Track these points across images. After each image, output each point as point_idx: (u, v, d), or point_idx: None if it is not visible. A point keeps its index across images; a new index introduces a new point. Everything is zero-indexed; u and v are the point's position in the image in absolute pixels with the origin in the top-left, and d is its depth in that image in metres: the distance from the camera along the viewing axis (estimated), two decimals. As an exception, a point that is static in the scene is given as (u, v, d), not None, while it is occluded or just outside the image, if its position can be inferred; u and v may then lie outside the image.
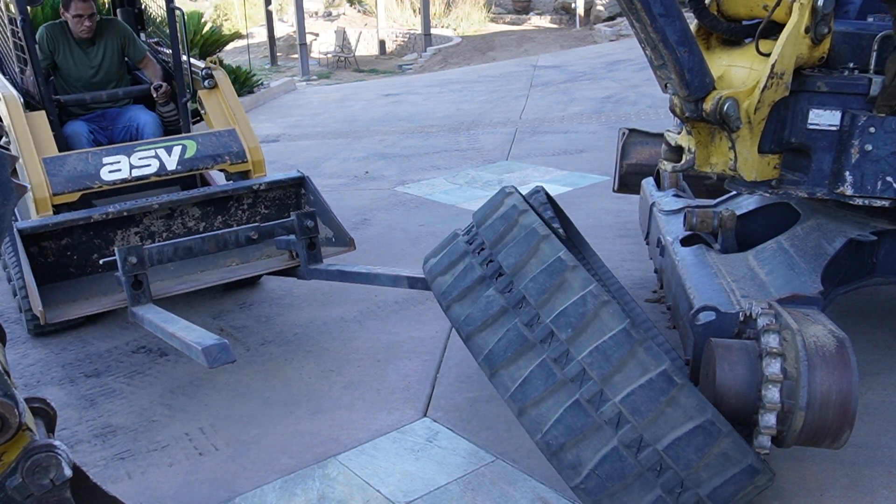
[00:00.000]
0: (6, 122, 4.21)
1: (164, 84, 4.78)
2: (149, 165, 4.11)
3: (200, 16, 12.88)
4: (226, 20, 24.42)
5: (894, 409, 3.17)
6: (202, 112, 4.76)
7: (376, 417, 3.38)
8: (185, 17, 4.91)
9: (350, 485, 2.93)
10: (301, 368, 3.87)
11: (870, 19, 3.02)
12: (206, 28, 12.66)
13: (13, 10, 4.46)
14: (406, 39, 24.28)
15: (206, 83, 4.70)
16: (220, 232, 3.72)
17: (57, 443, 1.91)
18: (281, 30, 25.21)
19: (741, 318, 2.68)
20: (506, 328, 2.40)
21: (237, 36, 16.03)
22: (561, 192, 6.49)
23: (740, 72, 3.00)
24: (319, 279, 3.92)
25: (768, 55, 2.85)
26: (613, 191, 4.97)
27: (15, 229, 3.63)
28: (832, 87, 2.88)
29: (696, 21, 3.19)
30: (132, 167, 4.07)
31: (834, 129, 2.90)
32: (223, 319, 4.50)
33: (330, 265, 3.91)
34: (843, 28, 2.94)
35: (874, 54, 2.86)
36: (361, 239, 5.72)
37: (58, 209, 3.96)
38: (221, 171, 4.43)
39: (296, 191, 4.40)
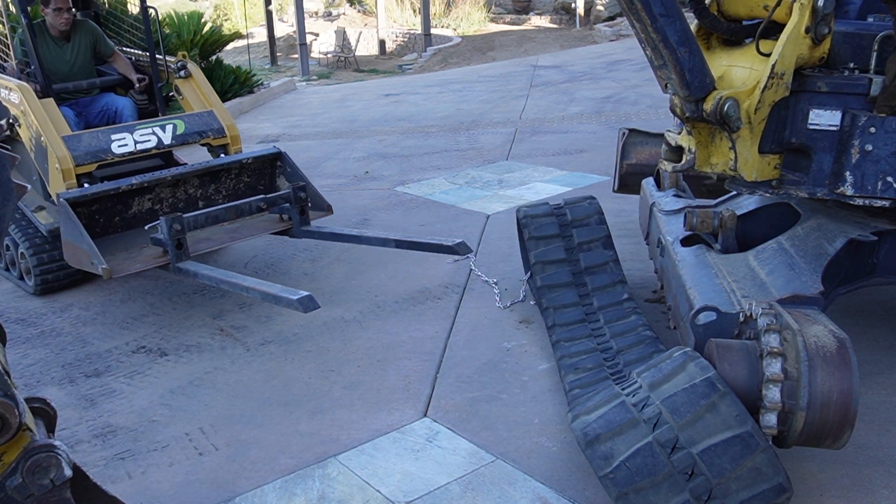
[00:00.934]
0: (23, 108, 4.70)
1: (145, 76, 5.54)
2: (149, 140, 4.86)
3: (200, 16, 12.84)
4: (226, 20, 24.41)
5: (894, 409, 3.17)
6: (179, 98, 5.54)
7: (376, 417, 3.38)
8: (158, 16, 5.65)
9: (350, 485, 2.93)
10: (301, 368, 3.87)
11: (870, 19, 3.02)
12: (206, 28, 12.63)
13: (12, 9, 5.09)
14: (406, 39, 24.27)
15: (181, 73, 5.46)
16: (238, 203, 4.58)
17: (57, 443, 1.91)
18: (281, 30, 25.20)
19: (741, 319, 2.68)
20: None
21: (237, 36, 16.00)
22: (561, 192, 6.49)
23: (741, 72, 3.00)
24: (309, 238, 4.83)
25: (769, 55, 2.85)
26: (613, 191, 4.97)
27: (62, 198, 4.24)
28: (832, 87, 2.88)
29: (696, 21, 3.19)
30: (136, 142, 4.81)
31: (834, 129, 2.90)
32: (223, 319, 4.50)
33: (318, 227, 4.81)
34: (844, 28, 2.94)
35: (874, 54, 2.86)
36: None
37: (78, 178, 4.61)
38: (205, 144, 5.16)
39: (273, 163, 5.23)
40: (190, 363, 4.00)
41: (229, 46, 15.14)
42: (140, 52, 5.84)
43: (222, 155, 5.15)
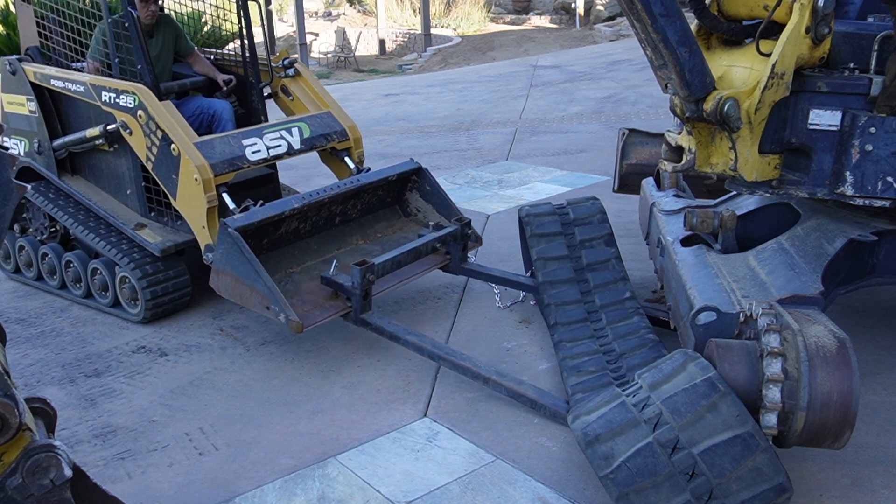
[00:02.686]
0: (142, 112, 4.22)
1: (232, 77, 5.09)
2: (280, 146, 4.46)
3: (200, 15, 12.84)
4: (226, 20, 24.39)
5: (894, 409, 3.17)
6: (287, 98, 5.06)
7: (376, 417, 3.38)
8: (262, 10, 5.17)
9: (350, 485, 2.93)
10: (301, 368, 3.87)
11: (870, 19, 3.02)
12: (206, 28, 12.63)
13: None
14: (406, 39, 24.27)
15: (289, 72, 5.02)
16: (418, 243, 4.15)
17: (57, 443, 1.91)
18: (281, 30, 25.20)
19: (742, 319, 2.68)
20: None
21: (237, 36, 16.00)
22: (561, 192, 6.49)
23: (741, 72, 3.00)
24: (467, 276, 4.49)
25: (769, 55, 2.85)
26: (613, 191, 4.97)
27: (230, 228, 3.70)
28: (832, 87, 2.88)
29: (696, 21, 3.19)
30: (268, 148, 4.41)
31: (834, 129, 2.90)
32: (223, 319, 4.50)
33: (475, 265, 4.47)
34: (844, 28, 2.94)
35: (874, 54, 2.86)
36: (361, 239, 5.72)
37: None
38: (331, 149, 4.76)
39: (409, 177, 4.74)
40: (190, 363, 4.00)
41: (229, 46, 15.12)
42: (215, 51, 5.44)
43: (347, 160, 4.77)
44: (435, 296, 4.63)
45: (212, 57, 5.34)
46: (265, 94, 5.13)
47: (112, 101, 4.36)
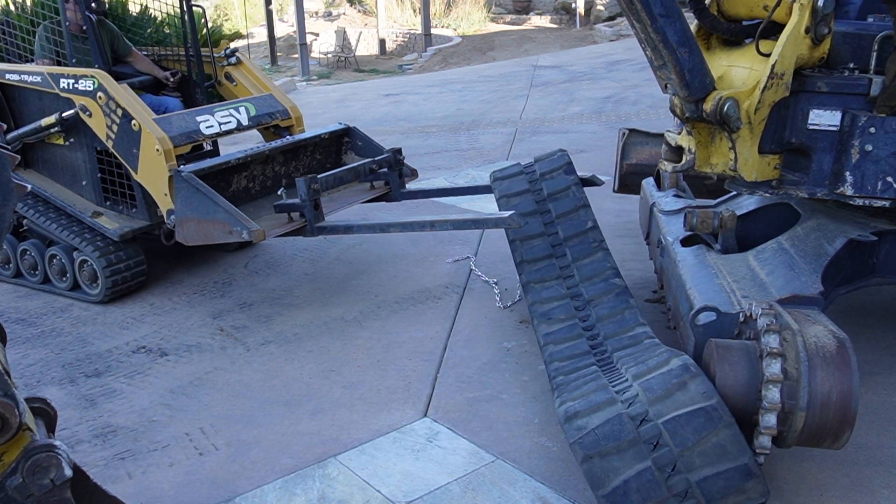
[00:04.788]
0: (102, 94, 4.58)
1: (176, 70, 5.50)
2: (230, 122, 4.88)
3: (201, 16, 12.85)
4: (226, 20, 24.39)
5: (894, 409, 3.17)
6: (231, 85, 5.50)
7: (376, 417, 3.38)
8: (205, 14, 5.69)
9: (350, 485, 2.93)
10: (301, 368, 3.87)
11: (870, 19, 3.02)
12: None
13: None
14: (406, 39, 24.26)
15: (231, 60, 5.45)
16: (357, 164, 4.71)
17: (57, 443, 1.91)
18: (281, 30, 25.19)
19: (741, 319, 2.68)
20: None
21: (237, 36, 16.02)
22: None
23: (740, 72, 3.00)
24: (410, 199, 5.05)
25: (768, 55, 2.85)
26: (613, 191, 4.97)
27: (184, 172, 4.16)
28: (832, 87, 2.88)
29: (696, 21, 3.19)
30: (220, 123, 4.82)
31: (834, 129, 2.90)
32: (223, 319, 4.50)
33: (414, 189, 4.98)
34: (843, 28, 2.94)
35: (874, 54, 2.86)
36: (361, 239, 5.73)
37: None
38: (274, 126, 5.19)
39: (340, 139, 5.35)
40: (190, 363, 4.00)
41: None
42: (157, 49, 5.79)
43: (287, 136, 5.15)
44: (435, 296, 4.63)
45: (155, 56, 5.73)
46: (207, 85, 5.53)
47: (71, 87, 4.71)
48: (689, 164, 3.16)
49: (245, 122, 4.94)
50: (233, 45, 6.40)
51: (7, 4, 6.04)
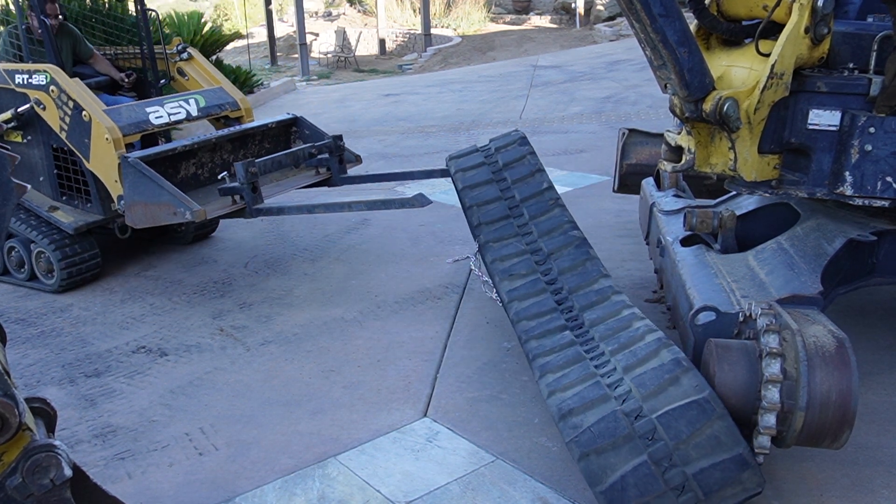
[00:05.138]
0: (54, 88, 4.78)
1: (132, 72, 5.77)
2: (179, 112, 5.08)
3: (200, 16, 12.83)
4: (226, 20, 24.39)
5: (894, 409, 3.17)
6: (183, 80, 5.73)
7: (376, 417, 3.38)
8: (160, 18, 5.92)
9: (350, 485, 2.93)
10: (301, 368, 3.87)
11: (869, 19, 3.02)
12: (207, 28, 12.63)
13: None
14: (406, 39, 24.25)
15: (183, 56, 5.68)
16: (295, 149, 4.94)
17: (57, 443, 1.91)
18: (281, 30, 25.18)
19: (741, 319, 2.68)
20: None
21: (237, 36, 15.99)
22: (561, 192, 6.45)
23: (740, 72, 3.00)
24: (349, 184, 5.16)
25: (768, 55, 2.85)
26: (613, 191, 4.97)
27: (129, 158, 4.38)
28: (832, 87, 2.88)
29: (695, 21, 3.19)
30: (169, 114, 5.01)
31: (834, 129, 2.90)
32: (223, 319, 4.50)
33: (356, 174, 5.17)
34: (843, 28, 2.94)
35: (874, 54, 2.86)
36: (362, 239, 5.73)
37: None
38: (224, 117, 5.39)
39: (288, 129, 5.59)
40: (190, 363, 4.00)
41: (229, 46, 15.13)
42: (115, 48, 6.00)
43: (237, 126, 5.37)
44: (435, 296, 4.63)
45: (111, 57, 5.97)
46: (160, 84, 5.76)
47: (25, 82, 4.94)
48: (688, 164, 3.16)
49: (194, 113, 5.16)
50: (233, 45, 6.62)
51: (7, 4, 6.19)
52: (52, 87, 4.80)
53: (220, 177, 4.60)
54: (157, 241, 5.88)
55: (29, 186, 2.01)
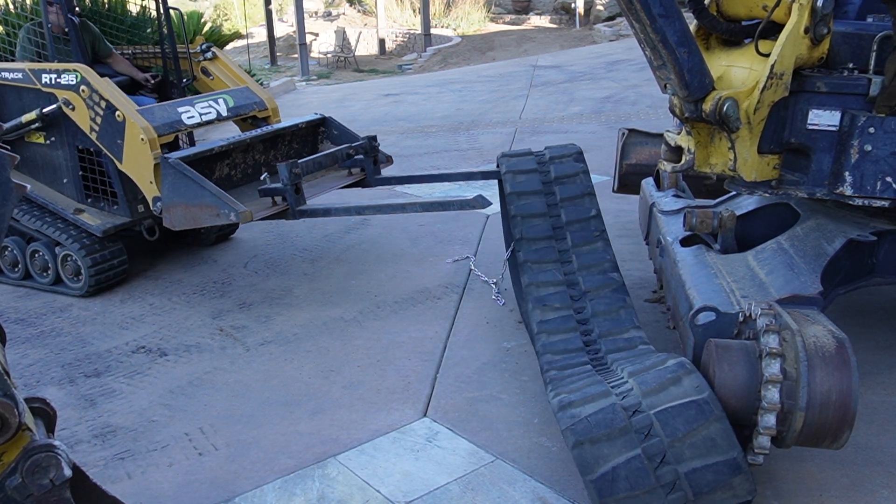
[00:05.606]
0: (84, 88, 4.70)
1: (155, 73, 5.66)
2: (210, 112, 5.03)
3: (200, 16, 12.86)
4: (226, 20, 24.39)
5: (894, 409, 3.17)
6: (208, 79, 5.65)
7: (376, 417, 3.38)
8: (184, 16, 5.80)
9: (350, 485, 2.93)
10: (301, 368, 3.87)
11: (869, 19, 3.02)
12: (206, 28, 12.64)
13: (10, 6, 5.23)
14: (406, 39, 24.26)
15: (207, 55, 5.61)
16: (334, 150, 4.88)
17: (57, 443, 1.91)
18: (281, 30, 25.18)
19: (741, 319, 2.68)
20: None
21: (237, 36, 16.00)
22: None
23: (740, 72, 3.00)
24: (385, 185, 5.16)
25: (768, 55, 2.85)
26: (613, 191, 4.98)
27: (171, 158, 4.28)
28: (832, 87, 2.88)
29: (695, 21, 3.19)
30: (200, 114, 4.95)
31: (833, 129, 2.90)
32: (223, 319, 4.50)
33: (390, 175, 5.10)
34: (843, 28, 2.94)
35: (873, 54, 2.86)
36: (361, 239, 5.73)
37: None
38: (252, 117, 5.35)
39: (316, 129, 5.51)
40: (190, 363, 4.00)
41: (229, 46, 15.15)
42: (134, 47, 5.92)
43: (265, 125, 5.29)
44: (435, 296, 4.63)
45: (130, 57, 5.90)
46: (184, 84, 5.69)
47: (53, 82, 4.83)
48: (688, 165, 3.16)
49: (224, 113, 5.10)
50: (232, 45, 6.57)
51: (6, 4, 6.17)
52: (82, 87, 4.70)
53: (262, 177, 4.51)
54: (183, 242, 5.80)
55: (28, 186, 2.00)
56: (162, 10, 5.54)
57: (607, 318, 3.33)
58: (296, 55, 21.07)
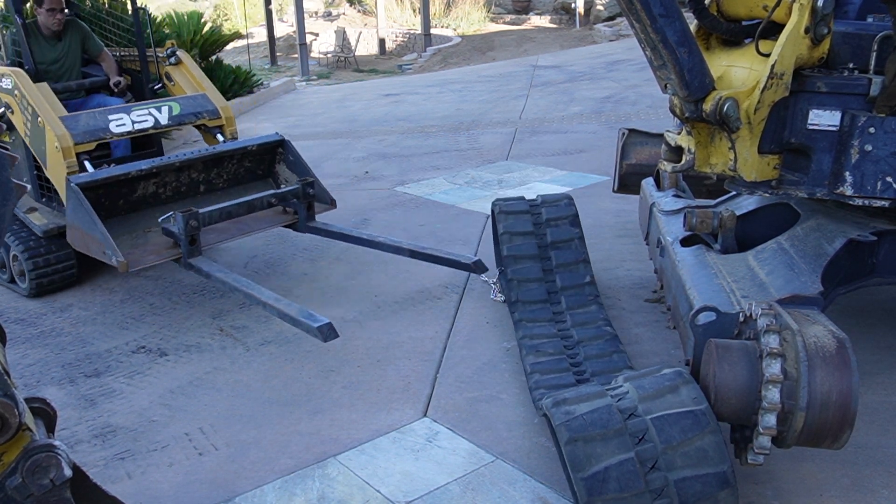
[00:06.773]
0: (17, 92, 4.69)
1: (122, 79, 5.59)
2: (146, 120, 4.88)
3: (200, 16, 12.83)
4: (226, 20, 24.40)
5: (894, 409, 3.17)
6: (170, 84, 5.57)
7: (376, 417, 3.38)
8: (150, 17, 5.77)
9: (350, 485, 2.93)
10: (301, 368, 3.87)
11: (869, 19, 3.02)
12: (206, 28, 12.63)
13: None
14: (406, 39, 24.27)
15: (171, 60, 5.51)
16: (251, 198, 4.56)
17: (57, 443, 1.91)
18: (281, 30, 25.19)
19: (741, 319, 2.68)
20: None
21: (237, 36, 15.99)
22: (561, 192, 6.48)
23: (740, 72, 3.00)
24: (314, 234, 4.85)
25: (768, 55, 2.85)
26: (613, 191, 4.97)
27: (72, 183, 4.16)
28: (832, 87, 2.88)
29: (695, 21, 3.19)
30: (133, 122, 4.82)
31: (834, 129, 2.90)
32: (223, 319, 4.50)
33: (324, 224, 4.82)
34: (843, 28, 2.94)
35: (874, 54, 2.86)
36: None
37: (77, 158, 4.59)
38: (201, 125, 5.19)
39: (274, 149, 5.24)
40: (190, 363, 4.00)
41: (229, 46, 15.14)
42: (122, 49, 5.94)
43: (219, 136, 5.14)
44: (435, 296, 4.63)
45: (118, 56, 5.86)
46: (156, 88, 5.64)
47: (2, 86, 4.90)
48: (688, 165, 3.16)
49: (164, 122, 4.95)
50: (232, 45, 6.52)
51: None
52: (16, 92, 4.71)
53: (160, 220, 4.37)
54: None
55: (28, 187, 2.00)
56: (133, 9, 5.52)
57: (600, 360, 3.48)
58: (296, 55, 21.08)
